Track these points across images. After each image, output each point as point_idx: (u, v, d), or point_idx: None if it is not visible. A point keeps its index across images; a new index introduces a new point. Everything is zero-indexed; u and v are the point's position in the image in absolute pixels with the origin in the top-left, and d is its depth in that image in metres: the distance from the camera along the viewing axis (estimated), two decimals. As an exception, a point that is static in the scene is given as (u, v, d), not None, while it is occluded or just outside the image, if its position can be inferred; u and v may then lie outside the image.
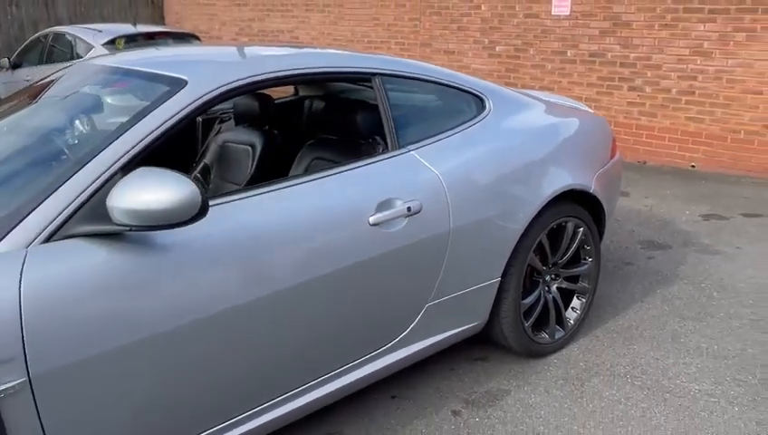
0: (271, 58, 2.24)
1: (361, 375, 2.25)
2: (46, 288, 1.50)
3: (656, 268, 3.86)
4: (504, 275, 2.59)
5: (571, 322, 2.97)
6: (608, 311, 3.29)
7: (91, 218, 1.62)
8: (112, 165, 1.70)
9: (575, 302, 3.00)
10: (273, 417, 2.01)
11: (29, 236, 1.56)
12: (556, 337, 2.89)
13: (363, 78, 2.39)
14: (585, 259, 2.98)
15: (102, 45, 7.28)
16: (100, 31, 7.66)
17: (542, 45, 7.28)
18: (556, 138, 2.84)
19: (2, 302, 1.44)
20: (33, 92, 2.46)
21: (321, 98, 3.35)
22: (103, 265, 1.59)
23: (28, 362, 1.46)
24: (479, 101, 2.73)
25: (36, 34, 8.57)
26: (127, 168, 1.72)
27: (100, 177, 1.67)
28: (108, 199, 1.57)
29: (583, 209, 2.88)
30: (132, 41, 7.51)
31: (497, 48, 7.72)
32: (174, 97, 1.89)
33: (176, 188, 1.54)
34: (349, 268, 2.05)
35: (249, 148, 3.00)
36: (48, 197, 1.62)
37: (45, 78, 2.59)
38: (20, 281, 1.47)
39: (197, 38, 8.19)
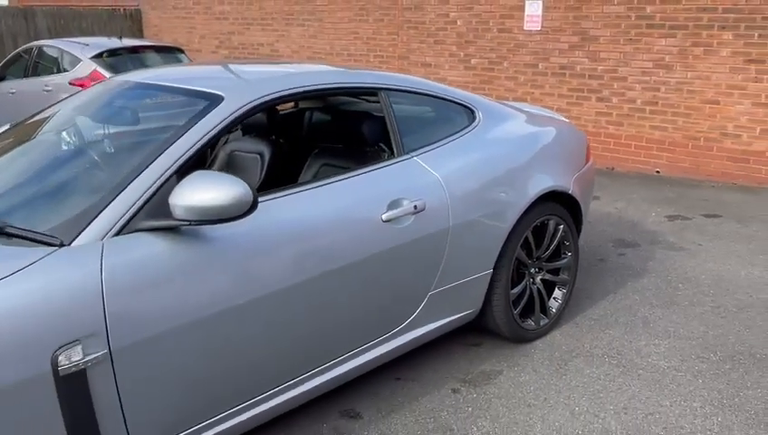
0: (294, 75, 2.52)
1: (374, 356, 2.54)
2: (121, 274, 1.76)
3: (626, 264, 4.22)
4: (495, 268, 2.90)
5: (554, 310, 3.29)
6: (585, 301, 3.63)
7: (154, 215, 1.88)
8: (166, 170, 1.96)
9: (557, 292, 3.33)
10: (303, 390, 2.28)
11: (103, 231, 1.81)
12: (541, 324, 3.21)
13: (371, 92, 2.69)
14: (565, 254, 3.32)
15: (90, 59, 7.46)
16: (87, 44, 7.83)
17: (516, 59, 7.68)
18: (538, 145, 3.18)
19: (87, 286, 1.69)
20: (71, 105, 2.69)
21: (321, 109, 3.62)
22: (165, 254, 1.85)
23: (109, 337, 1.72)
24: (470, 113, 3.05)
25: (19, 48, 8.69)
26: (178, 172, 1.98)
27: (157, 180, 1.93)
28: (170, 198, 1.84)
29: (563, 208, 3.22)
30: (116, 55, 7.70)
31: (472, 61, 8.10)
32: (213, 111, 2.16)
33: (231, 187, 1.82)
34: (365, 260, 2.34)
35: (258, 156, 3.26)
36: (116, 197, 1.87)
37: (76, 94, 2.82)
38: (101, 268, 1.73)
39: (182, 51, 8.40)
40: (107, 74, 7.37)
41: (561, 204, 3.21)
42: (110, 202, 1.86)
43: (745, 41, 6.16)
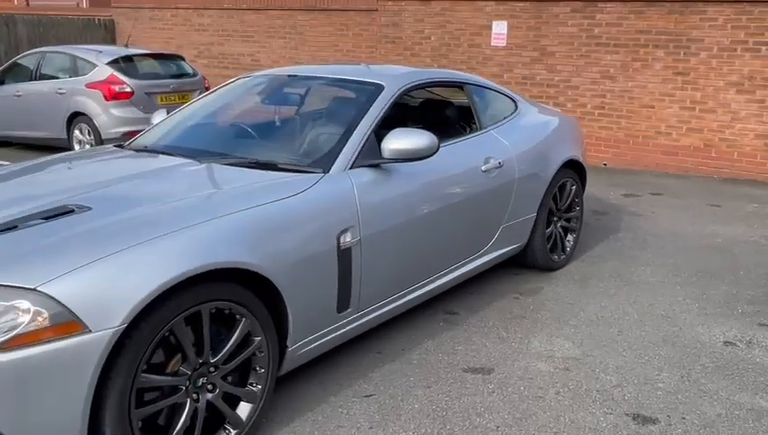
0: (420, 71, 3.61)
1: (467, 269, 3.62)
2: (360, 191, 2.78)
3: (605, 225, 5.51)
4: (537, 212, 4.06)
5: (568, 249, 4.49)
6: (585, 247, 4.85)
7: (366, 157, 2.91)
8: (367, 129, 3.00)
9: (569, 236, 4.53)
10: (435, 286, 3.35)
11: (343, 166, 2.83)
12: (561, 258, 4.40)
13: (460, 85, 3.81)
14: (575, 207, 4.53)
15: (106, 64, 8.15)
16: (101, 51, 8.50)
17: (484, 70, 8.98)
18: (558, 126, 4.39)
19: (349, 195, 2.71)
20: (259, 90, 3.66)
21: (428, 100, 4.48)
22: (377, 181, 2.88)
23: (360, 228, 2.73)
24: (513, 103, 4.22)
25: (20, 55, 9.20)
26: (374, 131, 3.01)
27: (364, 135, 2.97)
28: (382, 144, 2.87)
29: (575, 173, 4.44)
30: (127, 61, 8.41)
31: (445, 72, 9.33)
32: (382, 93, 3.21)
33: (424, 136, 2.87)
34: (472, 196, 3.44)
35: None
36: (344, 145, 2.90)
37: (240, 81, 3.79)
38: (353, 186, 2.75)
39: (183, 59, 9.17)
40: (124, 78, 8.09)
41: (574, 170, 4.42)
42: (342, 149, 2.89)
43: (674, 57, 7.70)
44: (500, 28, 8.77)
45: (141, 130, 8.34)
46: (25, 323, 1.85)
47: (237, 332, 2.32)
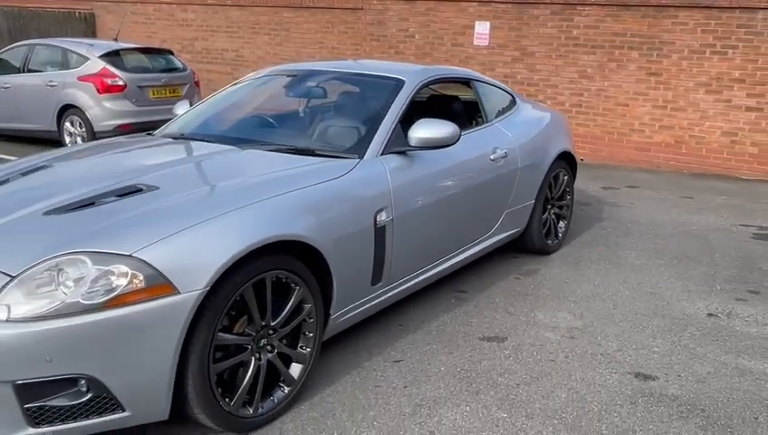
0: (434, 68, 3.91)
1: (474, 251, 3.94)
2: (392, 175, 3.07)
3: (589, 214, 5.89)
4: (535, 199, 4.41)
5: (560, 235, 4.85)
6: (573, 234, 5.22)
7: (392, 145, 3.20)
8: (393, 120, 3.28)
9: (561, 223, 4.89)
10: (449, 264, 3.66)
11: (375, 153, 3.11)
12: (554, 243, 4.76)
13: (468, 81, 4.12)
14: (566, 196, 4.89)
15: (99, 57, 8.24)
16: (92, 44, 8.58)
17: (467, 68, 9.31)
18: (552, 121, 4.74)
19: (383, 178, 2.99)
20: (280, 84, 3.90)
21: (438, 95, 4.75)
22: (403, 166, 3.17)
23: (393, 208, 3.02)
24: (512, 98, 4.56)
25: (11, 46, 9.20)
26: (399, 121, 3.30)
27: (391, 126, 3.25)
28: (409, 132, 3.16)
29: (567, 164, 4.80)
30: (118, 54, 8.51)
31: (429, 69, 9.65)
32: (404, 87, 3.50)
33: (448, 127, 3.16)
34: (482, 183, 3.76)
35: None
36: (375, 135, 3.18)
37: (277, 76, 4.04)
38: (386, 170, 3.04)
39: (172, 53, 9.29)
40: (117, 72, 8.20)
41: (566, 161, 4.78)
42: (372, 137, 3.17)
43: (647, 58, 8.16)
44: (482, 28, 9.13)
45: (134, 124, 8.50)
46: (123, 285, 2.09)
47: (292, 298, 2.58)
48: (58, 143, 8.50)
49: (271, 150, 3.17)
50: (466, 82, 4.16)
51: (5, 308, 2.03)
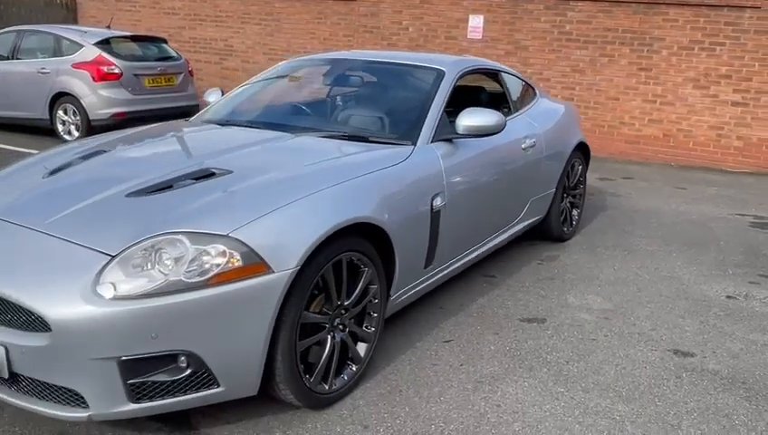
0: (467, 59, 4.01)
1: (503, 237, 4.07)
2: (444, 159, 3.17)
3: (592, 204, 6.09)
4: (556, 188, 4.56)
5: (574, 222, 5.02)
6: (583, 223, 5.41)
7: (442, 132, 3.30)
8: (439, 109, 3.39)
9: (574, 211, 5.06)
10: (485, 248, 3.78)
11: (427, 139, 3.21)
12: (569, 230, 4.93)
13: (496, 72, 4.24)
14: (580, 186, 5.07)
15: (94, 45, 8.12)
16: (86, 31, 8.45)
17: (460, 61, 9.45)
18: (566, 112, 4.90)
19: (437, 164, 3.10)
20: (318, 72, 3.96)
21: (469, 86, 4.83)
22: (450, 153, 3.28)
23: (445, 193, 3.13)
24: (533, 90, 4.70)
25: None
26: (444, 110, 3.41)
27: (437, 115, 3.35)
28: (457, 120, 3.26)
29: (581, 154, 4.97)
30: (114, 42, 8.40)
31: (422, 62, 9.76)
32: (445, 77, 3.60)
33: (495, 115, 3.28)
34: (516, 169, 3.89)
35: None
36: (424, 122, 3.27)
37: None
38: (439, 157, 3.14)
39: (165, 41, 9.20)
40: (112, 60, 8.10)
41: (581, 152, 4.95)
42: (423, 124, 3.27)
43: (638, 54, 8.42)
44: (476, 22, 9.28)
45: (130, 113, 8.40)
46: (222, 264, 2.16)
47: (363, 279, 2.67)
48: (50, 132, 8.37)
49: (323, 137, 3.24)
50: (495, 74, 4.28)
51: (111, 286, 2.08)
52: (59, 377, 2.11)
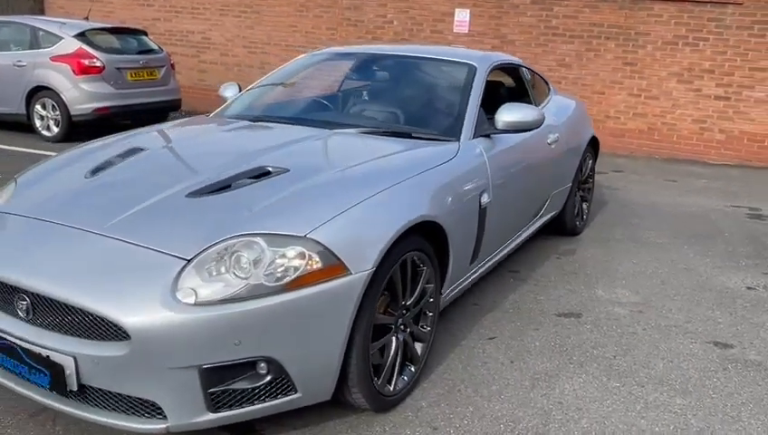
0: (496, 54, 3.99)
1: (529, 232, 4.08)
2: (487, 153, 3.14)
3: (595, 198, 6.14)
4: (572, 182, 4.59)
5: (585, 216, 5.07)
6: (590, 217, 5.46)
7: (481, 128, 3.27)
8: (476, 105, 3.35)
9: (584, 205, 5.11)
10: (515, 243, 3.78)
11: (468, 135, 3.18)
12: (581, 224, 4.97)
13: (517, 67, 4.23)
14: (589, 180, 5.11)
15: (73, 37, 7.82)
16: (64, 23, 8.12)
17: (446, 55, 9.44)
18: (577, 107, 4.93)
19: (482, 160, 3.07)
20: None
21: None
22: (491, 147, 3.25)
23: (491, 187, 3.10)
24: (548, 85, 4.71)
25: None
26: (480, 106, 3.38)
27: (475, 110, 3.32)
28: (496, 116, 3.23)
29: (591, 149, 5.01)
30: (93, 34, 8.11)
31: (408, 56, 9.71)
32: (478, 73, 3.57)
33: (534, 110, 3.26)
34: (542, 164, 3.89)
35: None
36: (464, 120, 3.24)
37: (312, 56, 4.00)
38: (482, 153, 3.11)
39: (146, 33, 8.92)
40: (94, 52, 7.81)
41: (591, 146, 4.99)
42: (463, 120, 3.23)
43: (623, 49, 8.54)
44: (462, 16, 9.27)
45: (112, 107, 8.13)
46: (302, 266, 2.08)
47: (422, 278, 2.63)
48: (28, 127, 8.04)
49: (363, 133, 3.17)
50: (515, 69, 4.27)
51: (191, 291, 1.99)
52: (134, 387, 2.01)
